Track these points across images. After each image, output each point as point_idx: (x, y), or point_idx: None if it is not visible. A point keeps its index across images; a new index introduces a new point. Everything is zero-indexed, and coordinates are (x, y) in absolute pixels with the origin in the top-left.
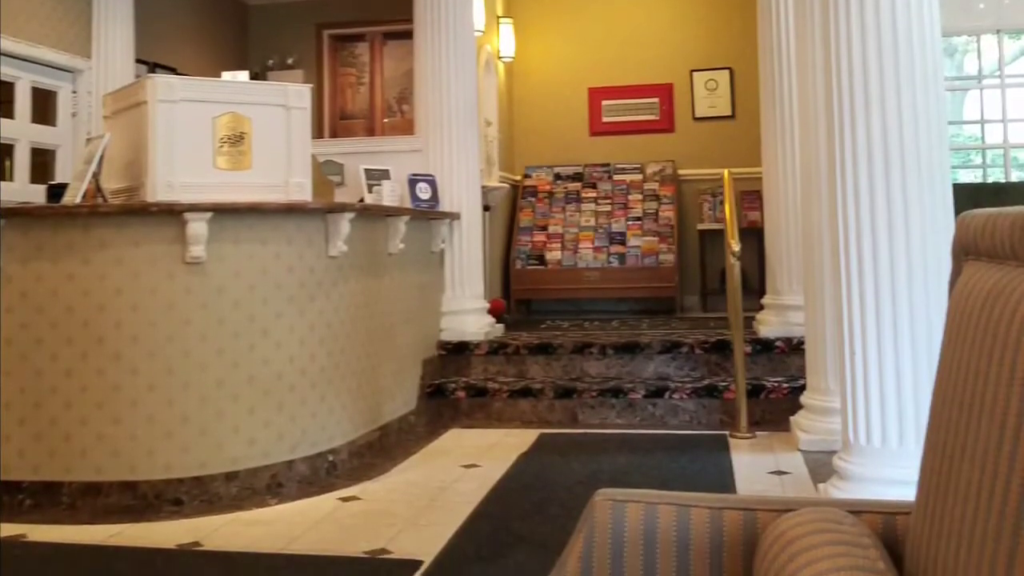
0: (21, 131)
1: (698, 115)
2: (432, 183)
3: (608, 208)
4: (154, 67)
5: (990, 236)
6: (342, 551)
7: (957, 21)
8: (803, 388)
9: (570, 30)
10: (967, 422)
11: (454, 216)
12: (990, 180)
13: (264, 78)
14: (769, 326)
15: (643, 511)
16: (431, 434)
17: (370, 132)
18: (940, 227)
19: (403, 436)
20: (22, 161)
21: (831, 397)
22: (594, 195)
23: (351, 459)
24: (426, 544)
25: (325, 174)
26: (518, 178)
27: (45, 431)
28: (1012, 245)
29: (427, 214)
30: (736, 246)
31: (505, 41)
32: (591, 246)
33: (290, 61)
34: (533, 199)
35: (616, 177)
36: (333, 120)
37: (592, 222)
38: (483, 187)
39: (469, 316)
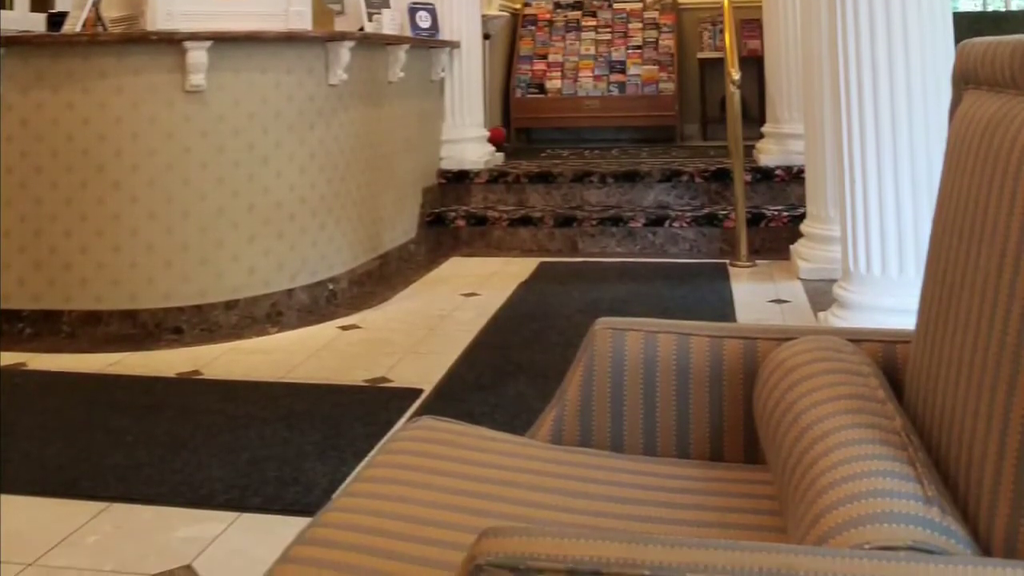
0: None
1: None
2: (432, 11)
3: (608, 36)
4: None
5: (990, 64)
6: (342, 379)
7: None
8: (803, 217)
9: None
10: (967, 251)
11: (454, 44)
12: (990, 9)
13: None
14: (769, 155)
15: (643, 339)
16: (431, 263)
17: None
18: (940, 55)
19: (403, 265)
20: None
21: (831, 226)
22: (594, 24)
23: (351, 288)
24: (426, 372)
25: (325, 2)
26: (518, 6)
27: (45, 259)
28: (1012, 73)
29: (427, 42)
30: (736, 74)
31: None
32: (591, 74)
33: None
34: (533, 27)
35: (616, 6)
36: None
37: (592, 51)
38: (483, 15)
39: (469, 144)
